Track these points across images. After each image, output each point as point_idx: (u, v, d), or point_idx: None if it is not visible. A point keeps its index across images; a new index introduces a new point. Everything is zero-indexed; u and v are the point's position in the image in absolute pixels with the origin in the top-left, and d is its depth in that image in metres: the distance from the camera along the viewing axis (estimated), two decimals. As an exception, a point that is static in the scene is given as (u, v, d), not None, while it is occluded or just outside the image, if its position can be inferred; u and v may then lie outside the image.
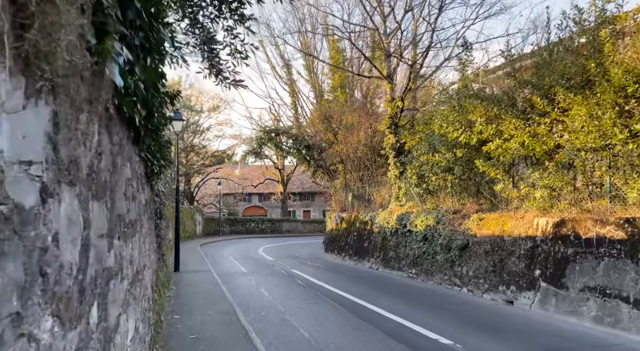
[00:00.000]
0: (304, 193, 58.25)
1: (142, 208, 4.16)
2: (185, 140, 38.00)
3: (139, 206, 3.68)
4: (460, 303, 9.81)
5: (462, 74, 11.82)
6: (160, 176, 6.73)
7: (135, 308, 3.04)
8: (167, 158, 6.09)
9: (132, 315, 2.85)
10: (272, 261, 19.47)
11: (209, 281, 12.51)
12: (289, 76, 30.30)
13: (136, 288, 3.20)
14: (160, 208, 9.95)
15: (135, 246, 3.18)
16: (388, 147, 15.76)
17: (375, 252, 16.30)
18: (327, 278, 13.50)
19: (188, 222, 34.24)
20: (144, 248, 4.37)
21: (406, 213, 14.22)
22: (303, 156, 28.27)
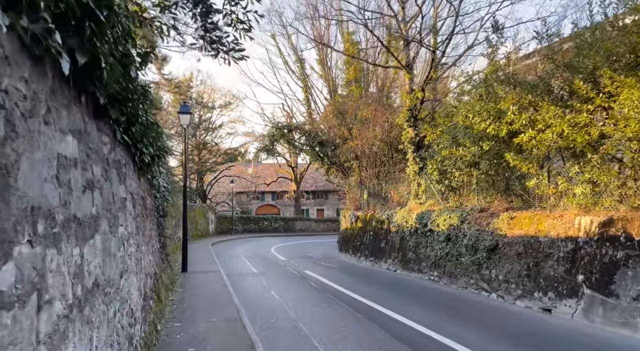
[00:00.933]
0: (317, 192, 57.53)
1: (118, 202, 3.38)
2: (197, 137, 37.55)
3: (107, 199, 2.89)
4: (491, 311, 8.87)
5: (491, 58, 10.82)
6: (155, 168, 5.97)
7: (90, 334, 2.25)
8: (159, 145, 5.33)
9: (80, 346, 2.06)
10: (284, 261, 18.71)
11: (217, 282, 11.78)
12: (302, 71, 29.51)
13: (96, 307, 2.42)
14: (164, 205, 9.25)
15: (94, 251, 2.40)
16: (406, 141, 14.82)
17: (392, 253, 15.39)
18: (342, 281, 12.66)
19: (200, 220, 33.76)
20: (123, 252, 3.59)
21: (427, 212, 13.29)
22: (316, 153, 27.48)
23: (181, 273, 13.37)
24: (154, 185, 7.39)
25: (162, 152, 5.57)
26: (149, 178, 6.65)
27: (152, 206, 7.73)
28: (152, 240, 7.36)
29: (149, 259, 6.30)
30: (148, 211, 6.69)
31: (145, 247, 5.86)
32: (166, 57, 15.35)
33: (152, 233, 7.61)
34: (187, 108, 13.80)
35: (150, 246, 6.99)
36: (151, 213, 7.52)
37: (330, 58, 28.25)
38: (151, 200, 7.63)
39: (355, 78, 24.10)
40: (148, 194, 6.96)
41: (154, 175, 6.77)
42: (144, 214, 6.11)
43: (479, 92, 10.86)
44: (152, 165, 5.44)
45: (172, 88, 15.67)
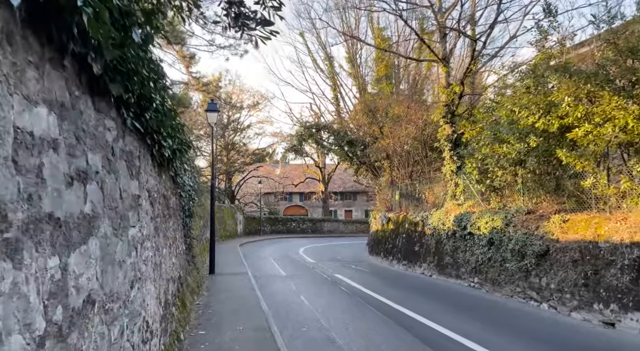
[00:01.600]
0: (345, 193, 56.81)
1: (129, 200, 2.89)
2: (226, 137, 37.61)
3: (111, 195, 2.38)
4: (541, 322, 8.02)
5: (541, 46, 9.90)
6: (178, 164, 5.52)
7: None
8: (181, 138, 4.86)
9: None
10: (313, 263, 18.18)
11: (245, 285, 11.35)
12: (330, 68, 28.92)
13: (89, 330, 1.90)
14: (190, 205, 8.86)
15: (87, 260, 1.90)
16: (443, 139, 13.99)
17: (428, 257, 14.58)
18: (375, 286, 11.98)
19: (229, 221, 33.72)
20: (135, 258, 3.10)
21: (466, 214, 12.43)
22: (345, 152, 26.82)
23: (208, 276, 13.03)
24: (178, 183, 6.98)
25: (184, 146, 5.10)
26: (172, 176, 6.22)
27: (176, 205, 7.32)
28: (176, 241, 6.95)
29: (171, 263, 5.86)
30: (171, 211, 6.26)
31: (167, 249, 5.41)
32: (194, 55, 15.16)
33: (177, 235, 7.20)
34: (215, 106, 13.47)
35: (174, 248, 6.56)
36: (175, 213, 7.11)
37: (360, 55, 27.59)
38: (175, 200, 7.22)
39: (386, 75, 23.34)
40: (172, 193, 6.54)
41: (178, 172, 6.34)
42: (167, 214, 5.67)
43: (526, 84, 9.97)
44: (174, 161, 4.98)
45: (200, 86, 15.43)
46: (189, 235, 9.24)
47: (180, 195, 7.89)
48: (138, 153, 3.31)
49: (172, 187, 6.44)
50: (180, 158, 5.34)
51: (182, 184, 7.57)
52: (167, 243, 5.51)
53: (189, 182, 8.22)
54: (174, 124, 4.25)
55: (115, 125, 2.57)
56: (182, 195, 7.98)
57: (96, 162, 2.16)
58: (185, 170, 7.42)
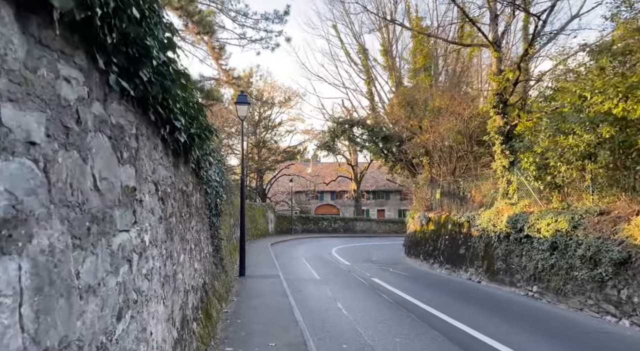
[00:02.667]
0: (377, 192, 55.42)
1: (116, 193, 2.00)
2: (257, 135, 37.15)
3: (66, 183, 1.49)
4: (622, 341, 6.72)
5: (619, 19, 8.52)
6: (198, 153, 4.65)
7: None
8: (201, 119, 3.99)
9: None
10: (347, 266, 17.18)
11: (277, 290, 10.49)
12: (365, 60, 27.74)
13: None
14: (217, 202, 8.05)
15: None
16: (493, 131, 12.65)
17: (475, 261, 13.29)
18: (418, 293, 10.86)
19: (260, 219, 33.21)
20: (129, 275, 2.21)
21: (522, 214, 11.11)
22: (380, 149, 25.64)
23: (238, 278, 12.28)
24: (202, 178, 6.15)
25: (205, 131, 4.22)
26: (194, 169, 5.38)
27: (200, 203, 6.50)
28: (200, 243, 6.12)
29: (192, 270, 5.01)
30: (193, 209, 5.42)
31: (186, 255, 4.56)
32: (223, 46, 14.44)
33: (202, 236, 6.38)
34: (245, 98, 12.70)
35: (197, 252, 5.73)
36: (199, 211, 6.29)
37: (396, 47, 26.29)
38: (200, 197, 6.40)
39: (424, 66, 22.01)
40: (194, 189, 5.71)
41: (201, 164, 5.50)
42: (187, 213, 4.83)
43: (601, 64, 8.60)
44: (193, 149, 4.11)
45: (231, 79, 14.78)
46: (216, 236, 8.45)
47: (205, 191, 7.08)
48: (135, 131, 2.42)
49: (194, 181, 5.60)
50: (201, 147, 4.47)
51: (207, 179, 6.75)
52: (187, 248, 4.66)
53: (215, 177, 7.40)
54: (187, 99, 3.36)
55: (83, 77, 1.67)
56: (208, 191, 7.17)
57: (31, 125, 1.26)
58: (211, 164, 6.59)
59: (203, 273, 6.19)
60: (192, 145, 4.01)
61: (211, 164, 6.58)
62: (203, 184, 6.55)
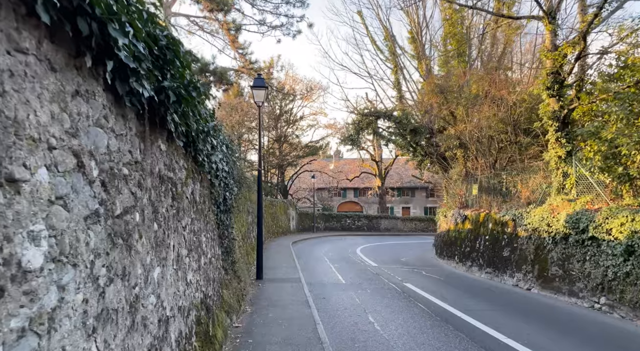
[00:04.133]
0: (402, 188, 53.55)
1: None
2: (278, 129, 36.00)
3: None
4: None
5: None
6: (184, 122, 3.32)
7: None
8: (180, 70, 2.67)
9: None
10: (375, 267, 15.74)
11: (297, 298, 9.18)
12: (392, 47, 26.03)
13: None
14: (226, 196, 6.77)
15: None
16: (546, 116, 10.94)
17: (523, 265, 11.65)
18: (462, 303, 9.36)
19: (281, 217, 32.07)
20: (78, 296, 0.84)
21: (585, 212, 9.44)
22: (408, 142, 24.04)
23: (255, 282, 11.04)
24: (203, 164, 4.85)
25: (190, 89, 2.90)
26: (189, 151, 4.09)
27: (203, 197, 5.22)
28: (199, 247, 4.84)
29: (181, 285, 3.71)
30: (187, 203, 4.13)
31: (168, 267, 3.26)
32: (240, 26, 13.12)
33: (202, 238, 5.10)
34: (262, 81, 11.40)
35: (194, 259, 4.44)
36: (200, 207, 5.00)
37: (427, 31, 24.51)
38: (201, 189, 5.12)
39: (458, 51, 20.26)
40: (191, 178, 4.43)
41: (197, 144, 4.20)
42: (175, 208, 3.54)
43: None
44: (169, 113, 2.78)
45: (248, 64, 13.56)
46: (226, 236, 7.18)
47: (210, 183, 5.80)
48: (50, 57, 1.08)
49: (190, 168, 4.31)
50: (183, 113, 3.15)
51: (212, 168, 5.46)
52: (171, 256, 3.36)
53: (222, 165, 6.10)
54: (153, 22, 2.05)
55: None
56: (214, 183, 5.88)
57: None
58: (214, 148, 5.28)
59: (203, 284, 4.90)
60: (167, 107, 2.69)
61: (214, 148, 5.27)
62: (204, 173, 5.26)
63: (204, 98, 3.62)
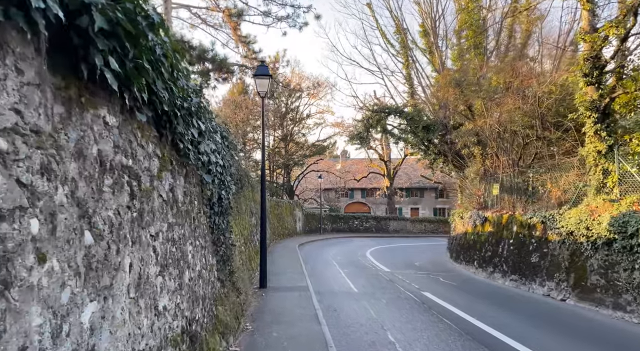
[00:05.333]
0: (411, 189, 52.26)
1: None
2: (284, 127, 34.99)
3: None
4: None
5: None
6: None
7: None
8: None
9: None
10: (388, 273, 14.63)
11: (305, 311, 8.10)
12: (403, 40, 24.88)
13: None
14: (222, 195, 5.70)
15: None
16: (583, 107, 9.78)
17: (556, 273, 10.48)
18: (491, 316, 8.23)
19: (287, 218, 31.02)
20: None
21: (634, 214, 8.27)
22: (420, 140, 22.92)
23: (258, 291, 9.97)
24: (186, 154, 3.79)
25: (141, 15, 1.86)
26: (164, 134, 3.03)
27: (191, 195, 4.16)
28: (182, 260, 3.78)
29: (147, 318, 2.64)
30: (159, 204, 3.07)
31: (125, 298, 2.18)
32: (242, 12, 12.08)
33: (187, 247, 4.04)
34: (265, 69, 10.36)
35: (172, 277, 3.37)
36: (184, 208, 3.94)
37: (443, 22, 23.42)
38: (187, 185, 4.06)
39: (474, 43, 19.11)
40: (170, 170, 3.37)
41: (175, 126, 3.16)
42: (137, 211, 2.47)
43: None
44: (111, 55, 1.73)
45: (251, 54, 12.56)
46: (222, 242, 6.12)
47: (200, 179, 4.74)
48: None
49: (164, 156, 3.25)
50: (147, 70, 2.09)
51: (201, 159, 4.40)
52: (128, 280, 2.29)
53: (216, 158, 5.04)
54: None
55: None
56: (205, 179, 4.82)
57: None
58: (202, 134, 4.21)
59: (187, 306, 3.84)
60: (90, 41, 1.63)
61: (203, 134, 4.21)
62: (191, 166, 4.20)
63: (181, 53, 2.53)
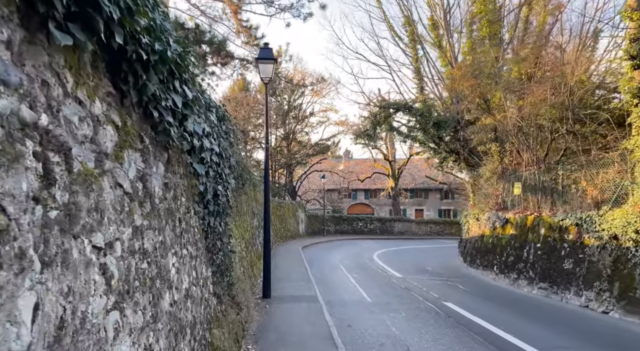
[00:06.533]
0: (415, 190, 51.04)
1: None
2: (286, 126, 33.89)
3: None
4: None
5: None
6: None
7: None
8: None
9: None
10: (400, 279, 13.50)
11: (317, 330, 6.96)
12: (412, 36, 23.74)
13: None
14: (218, 190, 4.58)
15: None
16: (629, 93, 8.65)
17: (595, 282, 9.33)
18: (533, 333, 7.09)
19: (290, 219, 29.89)
20: None
21: (698, 215, 7.13)
22: (430, 137, 21.80)
23: (261, 302, 8.83)
24: (165, 130, 2.67)
25: None
26: (131, 100, 1.91)
27: (174, 189, 3.03)
28: (160, 277, 2.65)
29: None
30: (114, 197, 1.94)
31: None
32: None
33: (168, 261, 2.91)
34: (270, 52, 9.24)
35: (135, 313, 2.24)
36: (169, 206, 2.82)
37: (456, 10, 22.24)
38: (169, 175, 2.93)
39: (489, 33, 17.99)
40: (138, 149, 2.25)
41: (143, 81, 2.06)
42: (66, 209, 1.35)
43: None
44: None
45: (253, 39, 11.57)
46: (219, 248, 4.99)
47: (192, 169, 3.62)
48: None
49: (127, 126, 2.12)
50: None
51: (188, 140, 3.27)
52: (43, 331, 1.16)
53: (211, 143, 3.92)
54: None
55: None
56: (197, 169, 3.69)
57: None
58: (189, 105, 3.07)
59: (165, 346, 2.71)
60: None
61: (189, 105, 3.07)
62: (175, 150, 3.07)
63: None
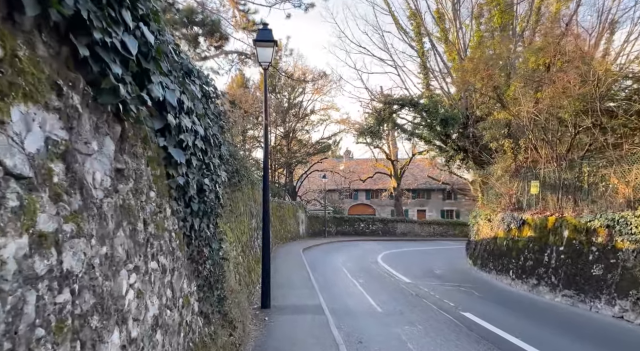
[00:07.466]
0: (417, 190, 50.17)
1: None
2: (286, 124, 32.95)
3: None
4: None
5: None
6: None
7: None
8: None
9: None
10: (410, 284, 12.57)
11: (323, 347, 6.02)
12: (418, 29, 22.84)
13: None
14: (204, 184, 3.65)
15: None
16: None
17: (631, 289, 8.39)
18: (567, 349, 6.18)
19: (290, 220, 28.95)
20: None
21: None
22: (437, 134, 20.91)
23: (260, 313, 7.89)
24: (112, 88, 1.75)
25: None
26: None
27: (135, 179, 2.09)
28: (108, 306, 1.71)
29: None
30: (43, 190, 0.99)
31: None
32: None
33: (125, 282, 1.97)
34: (269, 34, 8.30)
35: None
36: (127, 202, 1.87)
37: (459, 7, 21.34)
38: (127, 158, 1.98)
39: (501, 26, 17.10)
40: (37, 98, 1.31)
41: None
42: None
43: None
44: None
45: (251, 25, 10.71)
46: (206, 257, 4.06)
47: (167, 154, 2.69)
48: None
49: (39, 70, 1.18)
50: None
51: (170, 121, 2.32)
52: None
53: (194, 124, 2.98)
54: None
55: None
56: (174, 156, 2.75)
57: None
58: (155, 59, 2.15)
59: None
60: None
61: (155, 58, 2.13)
62: (137, 125, 2.13)
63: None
